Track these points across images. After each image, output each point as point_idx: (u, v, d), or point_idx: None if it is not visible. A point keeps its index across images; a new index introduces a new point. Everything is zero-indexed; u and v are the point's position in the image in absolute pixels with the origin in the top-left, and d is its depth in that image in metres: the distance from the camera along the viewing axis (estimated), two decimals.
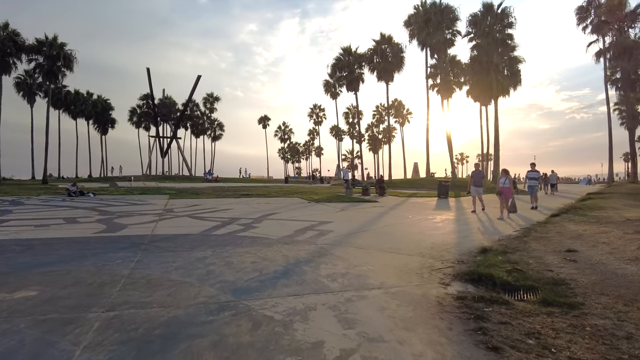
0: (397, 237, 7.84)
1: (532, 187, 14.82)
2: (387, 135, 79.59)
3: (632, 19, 33.88)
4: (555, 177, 34.91)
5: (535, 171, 15.29)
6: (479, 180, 13.21)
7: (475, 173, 13.61)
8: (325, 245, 6.88)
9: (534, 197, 14.52)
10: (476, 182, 13.18)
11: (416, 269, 5.11)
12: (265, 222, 9.92)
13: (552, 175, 33.93)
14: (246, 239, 7.30)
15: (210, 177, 53.11)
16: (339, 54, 41.05)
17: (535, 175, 15.24)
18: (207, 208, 13.07)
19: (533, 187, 14.78)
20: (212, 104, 75.18)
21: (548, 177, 33.21)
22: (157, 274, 4.65)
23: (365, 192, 21.58)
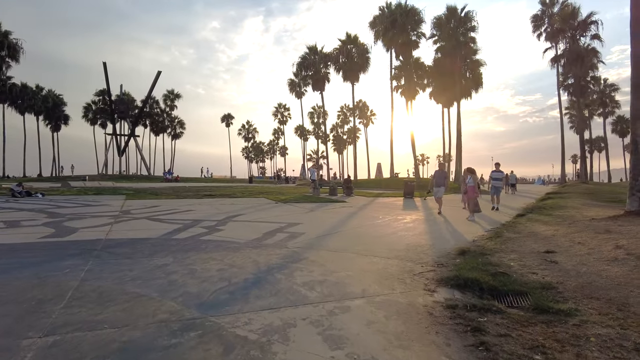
0: (371, 239, 7.55)
1: (496, 188, 14.49)
2: (351, 135, 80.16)
3: (583, 28, 35.65)
4: (515, 178, 36.20)
5: (499, 171, 14.95)
6: (441, 181, 12.80)
7: (437, 173, 13.18)
8: (298, 248, 6.47)
9: (497, 198, 14.26)
10: (438, 182, 12.77)
11: (397, 274, 4.80)
12: (230, 224, 9.38)
13: (512, 176, 35.16)
14: (211, 244, 6.76)
15: (170, 176, 51.16)
16: (305, 53, 40.69)
17: (499, 175, 14.92)
18: (167, 209, 12.31)
19: (498, 188, 14.49)
20: (172, 101, 72.65)
21: (508, 178, 34.43)
22: (111, 286, 4.08)
23: (333, 192, 21.32)
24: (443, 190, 12.72)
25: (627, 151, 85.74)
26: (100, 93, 66.43)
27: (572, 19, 35.91)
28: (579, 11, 35.52)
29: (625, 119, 70.99)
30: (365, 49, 37.95)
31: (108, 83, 54.53)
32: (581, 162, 50.39)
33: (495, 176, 14.76)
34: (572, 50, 35.97)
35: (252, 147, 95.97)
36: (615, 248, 5.42)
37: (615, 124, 70.14)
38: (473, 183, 11.64)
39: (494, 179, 14.75)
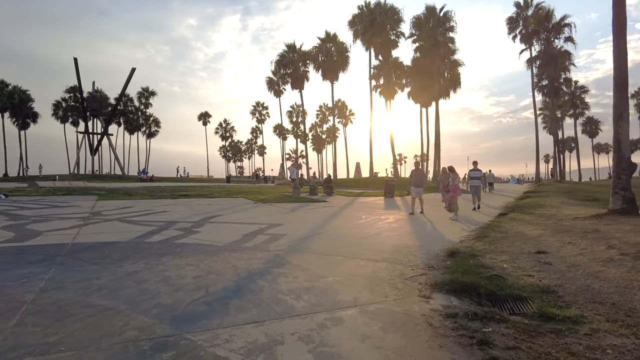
0: (356, 240, 7.26)
1: (475, 187, 14.00)
2: (330, 135, 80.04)
3: (557, 30, 36.48)
4: (492, 177, 36.78)
5: (477, 170, 14.41)
6: (418, 180, 12.32)
7: (415, 172, 12.69)
8: (280, 251, 6.12)
9: (477, 197, 13.87)
10: (416, 182, 12.28)
11: (387, 279, 4.51)
12: (207, 225, 8.93)
13: (490, 175, 35.67)
14: (186, 247, 6.34)
15: (145, 176, 49.75)
16: (284, 51, 40.13)
17: (478, 174, 14.36)
18: (141, 210, 11.73)
19: (476, 188, 13.99)
20: (147, 99, 70.81)
21: (485, 177, 34.90)
22: (73, 297, 3.64)
23: (313, 191, 21.00)
24: (422, 191, 12.33)
25: (596, 151, 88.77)
26: (71, 90, 64.11)
27: (547, 21, 36.66)
28: (553, 14, 36.35)
29: (595, 120, 73.46)
30: (345, 47, 37.80)
31: (79, 79, 52.75)
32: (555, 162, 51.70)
33: (474, 175, 14.28)
34: (547, 52, 36.74)
35: (229, 146, 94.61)
36: (608, 248, 5.30)
37: (585, 124, 72.27)
38: (453, 182, 11.56)
39: (472, 178, 14.29)
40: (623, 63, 8.31)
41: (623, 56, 8.32)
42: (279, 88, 59.77)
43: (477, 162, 14.44)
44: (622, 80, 8.27)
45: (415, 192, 12.18)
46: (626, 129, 8.18)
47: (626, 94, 8.39)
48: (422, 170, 12.87)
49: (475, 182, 14.03)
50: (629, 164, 8.12)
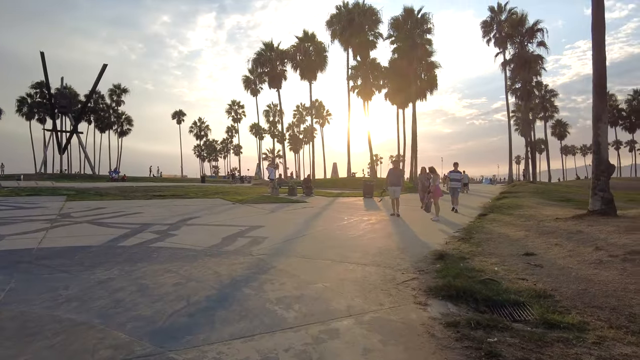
0: (340, 243, 7.07)
1: (454, 189, 13.78)
2: (308, 135, 79.81)
3: (531, 35, 37.43)
4: (467, 177, 37.44)
5: (457, 172, 14.10)
6: (396, 180, 11.95)
7: (392, 172, 12.36)
8: (263, 255, 5.86)
9: (455, 199, 13.51)
10: (393, 182, 11.89)
11: (379, 284, 4.33)
12: (184, 228, 8.56)
13: (465, 176, 36.29)
14: (163, 252, 5.99)
15: (117, 176, 48.20)
16: (261, 49, 39.61)
17: (457, 176, 14.08)
18: (113, 212, 11.19)
19: (455, 189, 13.78)
20: (119, 96, 68.78)
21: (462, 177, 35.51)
22: (39, 311, 3.29)
23: (292, 192, 20.72)
24: (400, 191, 11.93)
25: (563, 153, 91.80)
26: (38, 85, 61.59)
27: (521, 26, 37.55)
28: (527, 19, 37.23)
29: (563, 122, 75.92)
30: (323, 47, 37.63)
31: (47, 74, 50.73)
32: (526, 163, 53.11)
33: (454, 177, 14.05)
34: (521, 56, 37.63)
35: (204, 146, 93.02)
36: (595, 250, 5.28)
37: (554, 127, 74.60)
38: (434, 183, 11.53)
39: (452, 179, 14.09)
40: (602, 66, 8.43)
41: (602, 59, 8.44)
42: (256, 87, 59.10)
43: (457, 163, 14.13)
44: (600, 83, 8.40)
45: (393, 191, 11.79)
46: (605, 131, 8.31)
47: (605, 96, 8.52)
48: (400, 169, 12.42)
49: (455, 183, 13.87)
50: (608, 165, 8.25)
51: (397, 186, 11.82)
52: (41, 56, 48.32)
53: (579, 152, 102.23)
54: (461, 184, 14.23)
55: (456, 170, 14.11)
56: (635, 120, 71.17)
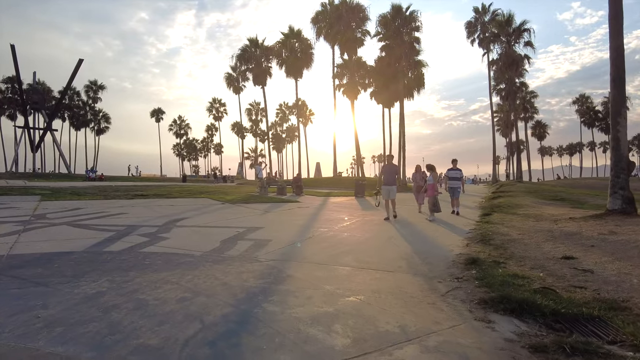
0: (352, 246, 6.44)
1: (453, 189, 12.32)
2: (291, 134, 79.08)
3: (518, 35, 37.62)
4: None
5: (457, 169, 12.57)
6: (391, 177, 10.20)
7: (386, 168, 10.47)
8: (272, 261, 5.18)
9: (456, 200, 12.18)
10: (388, 180, 10.19)
11: (421, 296, 3.71)
12: (175, 230, 7.78)
13: None
14: (157, 258, 5.23)
15: (94, 175, 46.34)
16: (245, 45, 38.48)
17: (457, 174, 12.54)
18: (94, 212, 10.28)
19: (455, 189, 12.31)
20: (96, 93, 66.57)
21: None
22: (8, 342, 2.55)
23: (282, 191, 20.01)
24: (395, 190, 10.21)
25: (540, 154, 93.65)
26: (8, 80, 59.08)
27: (508, 26, 37.70)
28: (514, 19, 37.39)
29: (543, 123, 77.27)
30: (309, 44, 36.89)
31: (17, 68, 48.46)
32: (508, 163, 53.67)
33: (453, 175, 12.51)
34: (508, 55, 37.77)
35: (184, 144, 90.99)
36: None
37: (534, 128, 75.84)
38: (433, 181, 10.94)
39: (450, 178, 12.51)
40: (620, 58, 8.06)
41: (620, 52, 8.07)
42: (239, 84, 58.02)
43: (456, 160, 12.73)
44: (619, 76, 8.01)
45: (387, 191, 10.13)
46: (625, 126, 7.93)
47: (624, 89, 8.14)
48: (395, 165, 10.60)
49: (454, 182, 12.41)
50: (628, 162, 7.87)
51: (391, 185, 10.14)
52: (11, 49, 46.16)
53: (555, 152, 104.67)
54: (460, 184, 12.70)
55: (455, 167, 12.62)
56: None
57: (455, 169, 12.62)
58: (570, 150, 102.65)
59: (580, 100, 77.52)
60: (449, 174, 12.67)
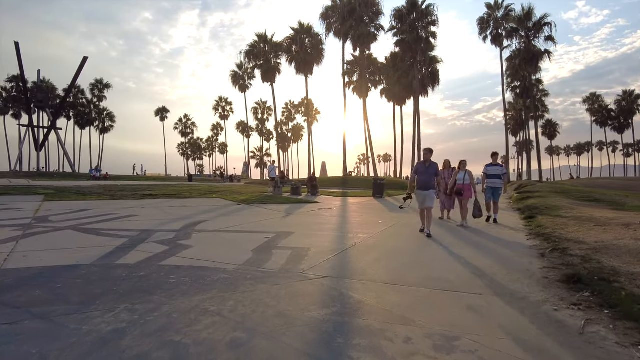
0: (411, 257, 5.46)
1: (494, 190, 9.78)
2: (296, 133, 78.14)
3: (538, 29, 36.37)
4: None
5: (498, 165, 9.97)
6: (428, 180, 7.41)
7: (422, 167, 7.53)
8: (325, 278, 4.20)
9: (495, 205, 9.76)
10: (424, 182, 7.43)
11: (556, 334, 2.72)
12: (196, 236, 6.80)
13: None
14: (183, 273, 4.25)
15: (98, 174, 45.56)
16: (254, 41, 37.43)
17: (498, 171, 9.84)
18: (101, 215, 9.33)
19: (496, 190, 9.78)
20: (101, 91, 65.76)
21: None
22: None
23: (296, 191, 19.01)
24: (434, 197, 7.49)
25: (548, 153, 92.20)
26: (13, 79, 58.39)
27: (528, 20, 36.47)
28: (534, 12, 36.16)
29: (554, 122, 75.92)
30: (320, 40, 35.78)
31: (22, 66, 47.73)
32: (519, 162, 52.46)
33: (493, 172, 9.84)
34: (528, 50, 36.53)
35: (189, 143, 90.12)
36: None
37: (544, 127, 74.45)
38: (469, 180, 9.36)
39: (490, 176, 9.84)
40: None
41: None
42: (245, 82, 57.16)
43: (497, 153, 10.24)
44: None
45: (423, 197, 7.46)
46: None
47: None
48: (434, 163, 7.64)
49: (495, 181, 9.81)
50: None
51: (428, 190, 7.43)
52: (16, 47, 45.37)
53: (563, 152, 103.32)
54: (503, 183, 9.94)
55: (495, 162, 10.06)
56: (624, 121, 71.59)
57: (495, 165, 10.03)
58: (578, 149, 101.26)
59: (591, 99, 76.13)
60: (488, 171, 9.98)
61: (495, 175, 9.88)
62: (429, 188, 7.46)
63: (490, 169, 9.98)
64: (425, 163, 7.54)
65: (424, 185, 7.47)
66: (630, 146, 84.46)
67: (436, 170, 7.55)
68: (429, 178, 7.45)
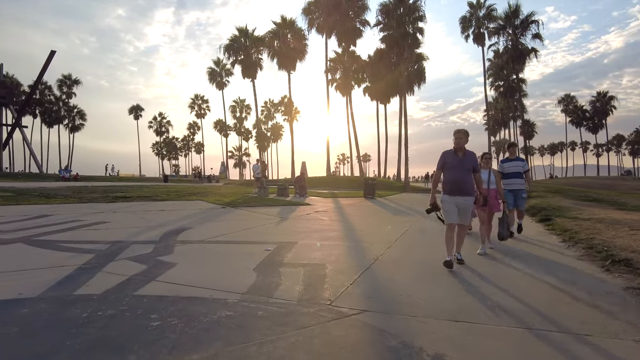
0: (456, 274, 4.39)
1: (516, 194, 7.26)
2: (276, 132, 76.71)
3: (525, 27, 36.16)
4: None
5: (517, 159, 7.56)
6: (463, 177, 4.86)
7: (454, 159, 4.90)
8: (364, 314, 3.10)
9: (519, 213, 7.37)
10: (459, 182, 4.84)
11: None
12: (179, 249, 5.56)
13: None
14: (167, 310, 3.06)
15: (68, 174, 43.03)
16: (234, 35, 35.75)
17: (518, 167, 7.32)
18: (64, 222, 7.94)
19: (518, 194, 7.28)
20: (70, 88, 62.62)
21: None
22: None
23: (283, 192, 17.80)
24: (472, 207, 5.11)
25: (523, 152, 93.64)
26: None
27: (515, 17, 36.17)
28: (520, 9, 35.89)
29: (531, 122, 76.97)
30: (303, 35, 34.44)
31: None
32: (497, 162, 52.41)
33: (511, 169, 7.31)
34: (515, 48, 36.24)
35: (164, 143, 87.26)
36: None
37: (522, 127, 75.26)
38: (495, 184, 6.25)
39: (507, 175, 7.28)
40: None
41: None
42: (222, 79, 55.50)
43: (515, 144, 8.52)
44: None
45: (463, 206, 4.84)
46: None
47: None
48: (471, 153, 5.00)
49: (514, 182, 7.28)
50: None
51: (466, 195, 4.85)
52: None
53: (537, 152, 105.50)
54: (526, 184, 7.49)
55: (514, 156, 7.67)
56: (598, 122, 73.22)
57: (513, 159, 7.53)
58: (552, 150, 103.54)
59: (566, 100, 77.69)
60: (504, 168, 7.36)
61: (515, 173, 7.31)
62: (466, 193, 4.79)
63: (507, 166, 7.39)
64: (458, 152, 4.85)
65: (458, 186, 4.78)
66: (601, 146, 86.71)
67: (474, 164, 4.92)
68: (465, 176, 4.82)
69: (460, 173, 4.84)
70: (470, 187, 4.90)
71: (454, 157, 4.89)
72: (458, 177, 4.84)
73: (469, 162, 4.90)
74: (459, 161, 4.85)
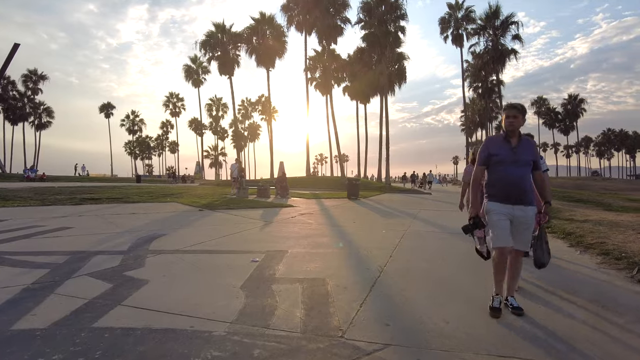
0: (475, 289, 3.81)
1: None
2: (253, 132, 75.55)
3: (505, 28, 36.41)
4: (432, 176, 35.80)
5: None
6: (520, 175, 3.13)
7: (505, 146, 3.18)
8: (388, 350, 2.47)
9: None
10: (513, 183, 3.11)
11: None
12: (152, 261, 4.80)
13: (430, 174, 34.63)
14: (136, 352, 2.35)
15: (33, 174, 40.89)
16: (211, 31, 34.44)
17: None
18: (19, 228, 7.01)
19: None
20: (36, 84, 59.75)
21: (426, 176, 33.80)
22: None
23: (264, 193, 17.04)
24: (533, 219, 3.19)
25: None
26: None
27: (495, 18, 36.42)
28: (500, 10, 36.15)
29: None
30: (282, 31, 33.66)
31: None
32: None
33: None
34: (496, 49, 36.46)
35: (137, 142, 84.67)
36: None
37: (498, 128, 76.66)
38: None
39: None
40: None
41: None
42: (199, 77, 54.21)
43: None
44: None
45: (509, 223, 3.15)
46: None
47: None
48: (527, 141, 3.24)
49: None
50: None
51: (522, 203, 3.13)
52: None
53: None
54: None
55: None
56: (569, 124, 75.25)
57: None
58: None
59: (539, 102, 79.56)
60: None
61: None
62: (524, 200, 3.16)
63: None
64: (510, 138, 3.22)
65: (514, 191, 3.15)
66: (571, 147, 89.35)
67: (534, 157, 3.21)
68: (522, 174, 3.17)
69: (514, 170, 3.15)
70: (530, 192, 3.19)
71: (504, 146, 3.19)
72: (512, 177, 3.15)
73: (527, 154, 3.18)
74: (511, 152, 3.16)
